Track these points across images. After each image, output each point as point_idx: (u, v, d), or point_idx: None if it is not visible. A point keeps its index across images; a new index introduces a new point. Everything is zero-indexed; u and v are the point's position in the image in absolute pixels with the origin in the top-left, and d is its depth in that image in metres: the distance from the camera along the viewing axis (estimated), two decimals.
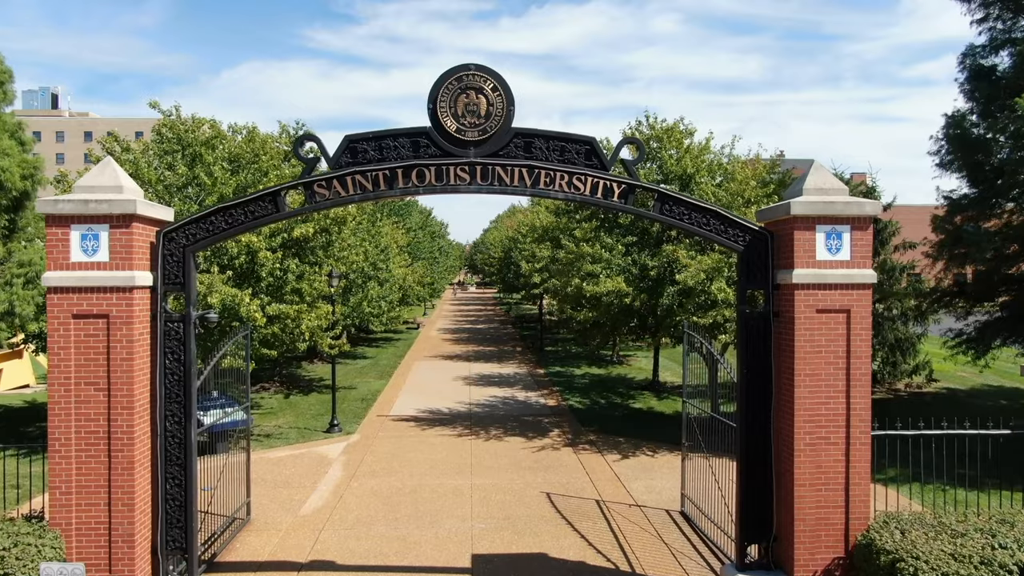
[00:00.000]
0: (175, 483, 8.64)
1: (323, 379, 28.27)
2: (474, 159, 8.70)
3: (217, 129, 18.08)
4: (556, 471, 15.84)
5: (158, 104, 17.60)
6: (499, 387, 26.98)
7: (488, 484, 14.81)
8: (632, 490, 14.47)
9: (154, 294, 8.52)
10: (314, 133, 8.67)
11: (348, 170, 8.64)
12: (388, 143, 8.71)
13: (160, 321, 8.53)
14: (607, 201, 8.86)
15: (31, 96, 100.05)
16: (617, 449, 17.71)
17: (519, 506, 13.46)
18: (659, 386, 26.52)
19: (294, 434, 19.43)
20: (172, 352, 8.57)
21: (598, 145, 8.84)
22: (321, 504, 13.76)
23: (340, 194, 8.67)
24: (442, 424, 20.48)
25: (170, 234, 8.59)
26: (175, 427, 8.60)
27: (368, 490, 14.48)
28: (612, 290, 18.19)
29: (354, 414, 22.01)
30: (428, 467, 16.12)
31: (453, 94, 8.62)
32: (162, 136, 17.89)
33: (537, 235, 39.51)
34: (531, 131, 8.81)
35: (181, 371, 8.59)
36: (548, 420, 21.20)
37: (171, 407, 8.59)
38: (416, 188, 8.72)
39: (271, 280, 17.45)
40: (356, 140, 8.73)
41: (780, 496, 8.96)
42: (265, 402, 23.98)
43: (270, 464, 16.39)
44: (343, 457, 17.11)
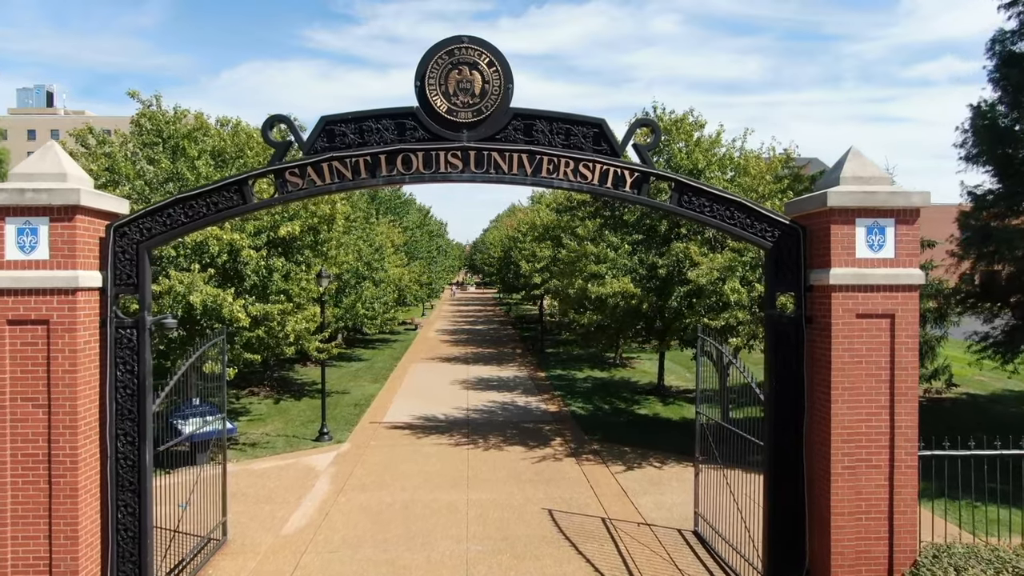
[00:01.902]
0: (128, 512, 7.61)
1: (316, 383, 27.21)
2: (467, 143, 7.67)
3: (201, 120, 17.04)
4: (558, 484, 14.81)
5: (137, 93, 16.58)
6: (498, 391, 25.94)
7: (486, 499, 13.78)
8: (640, 506, 13.44)
9: (103, 297, 7.50)
10: (286, 115, 7.59)
11: (324, 156, 7.62)
12: (370, 125, 7.69)
13: (110, 327, 7.50)
14: (618, 191, 7.84)
15: (26, 94, 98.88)
16: (622, 460, 16.68)
17: (519, 525, 12.44)
18: (664, 391, 25.49)
19: (281, 443, 18.40)
20: (124, 363, 7.55)
21: (608, 128, 7.82)
22: (305, 522, 12.74)
23: (315, 183, 7.64)
24: (438, 432, 19.44)
25: (122, 228, 7.56)
26: (128, 448, 7.58)
27: (356, 506, 13.45)
28: (618, 291, 17.14)
29: (346, 421, 20.97)
30: (422, 480, 15.09)
31: (443, 70, 7.59)
32: (141, 128, 16.86)
33: (538, 234, 38.57)
34: (532, 112, 7.78)
35: (135, 384, 7.56)
36: (549, 427, 20.17)
37: (123, 425, 7.57)
38: (401, 176, 7.70)
39: (256, 280, 16.43)
40: (334, 122, 7.71)
41: (813, 525, 7.93)
42: (254, 407, 22.93)
43: (253, 476, 15.36)
44: (332, 468, 16.09)
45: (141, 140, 16.79)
